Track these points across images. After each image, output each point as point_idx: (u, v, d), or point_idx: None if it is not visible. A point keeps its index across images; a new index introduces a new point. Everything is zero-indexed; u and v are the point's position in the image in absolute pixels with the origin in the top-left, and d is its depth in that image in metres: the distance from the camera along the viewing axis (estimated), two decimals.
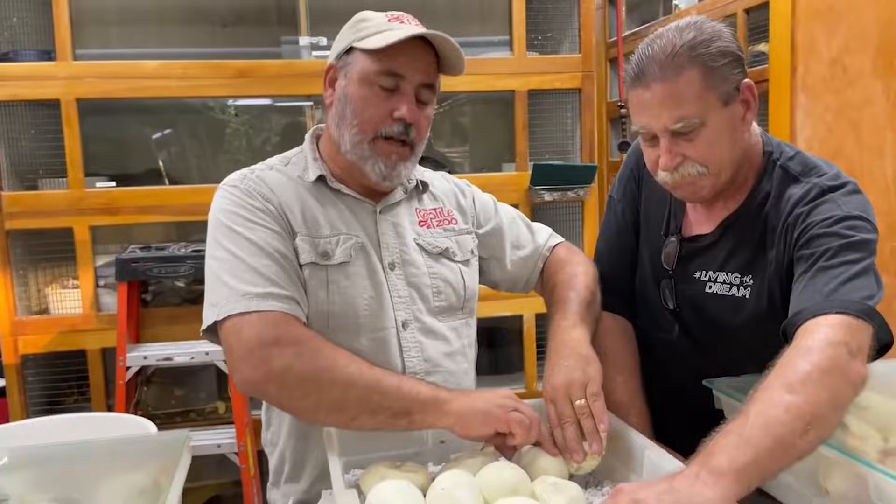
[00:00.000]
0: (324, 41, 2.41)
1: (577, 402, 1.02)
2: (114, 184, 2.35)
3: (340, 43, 1.18)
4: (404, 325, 1.19)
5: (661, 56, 1.07)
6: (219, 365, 2.28)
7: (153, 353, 2.26)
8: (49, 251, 2.33)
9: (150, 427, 1.65)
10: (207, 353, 2.27)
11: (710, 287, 1.21)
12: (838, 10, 2.27)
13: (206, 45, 2.85)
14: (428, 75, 1.15)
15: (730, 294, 1.19)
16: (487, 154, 3.03)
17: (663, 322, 1.29)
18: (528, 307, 2.53)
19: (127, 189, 2.36)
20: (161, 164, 2.88)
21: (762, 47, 2.89)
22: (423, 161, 2.82)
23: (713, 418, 1.04)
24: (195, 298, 2.49)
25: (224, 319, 1.04)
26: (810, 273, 1.03)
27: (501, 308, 2.52)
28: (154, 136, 2.95)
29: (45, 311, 2.38)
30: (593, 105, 2.54)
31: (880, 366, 1.00)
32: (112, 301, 2.36)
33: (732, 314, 1.18)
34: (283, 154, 1.27)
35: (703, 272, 1.22)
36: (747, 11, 2.86)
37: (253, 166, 1.22)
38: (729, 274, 1.19)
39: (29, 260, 2.36)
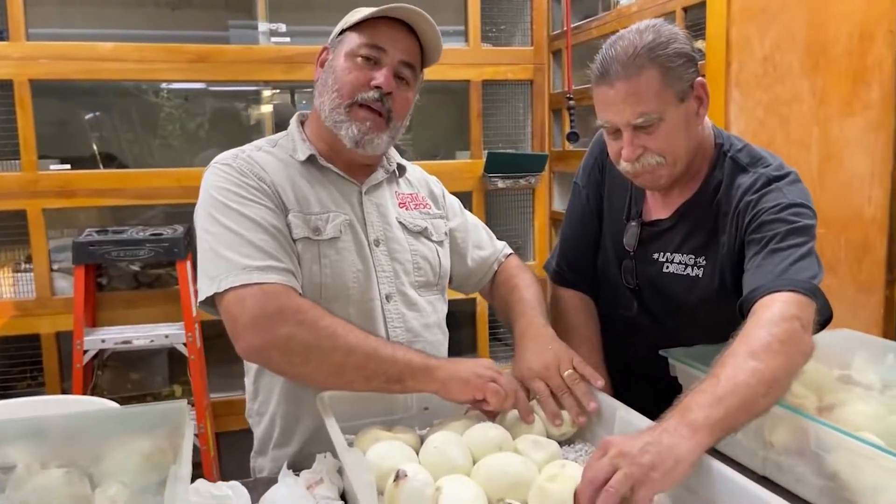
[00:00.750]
0: (283, 28, 2.43)
1: (567, 371, 1.14)
2: (68, 166, 2.32)
3: (335, 32, 1.27)
4: (388, 297, 1.27)
5: (624, 56, 1.16)
6: (178, 348, 2.29)
7: (111, 336, 2.26)
8: (1, 233, 2.28)
9: (115, 408, 1.67)
10: (167, 336, 2.28)
11: (668, 267, 1.32)
12: (771, 11, 2.43)
13: (155, 27, 2.83)
14: (409, 54, 1.24)
15: (685, 274, 1.30)
16: (441, 141, 3.11)
17: (624, 300, 1.40)
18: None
19: (83, 172, 2.33)
20: (95, 146, 2.85)
21: (699, 44, 3.05)
22: None
23: (668, 386, 1.16)
24: (151, 282, 2.48)
25: (225, 291, 1.09)
26: (762, 255, 1.14)
27: (455, 292, 2.60)
28: (87, 117, 2.91)
29: None
30: (544, 96, 2.65)
31: (815, 337, 1.13)
32: (66, 285, 2.33)
33: (687, 292, 1.30)
34: (269, 137, 1.33)
35: (661, 253, 1.33)
36: (685, 10, 2.99)
37: (242, 147, 1.28)
38: (684, 255, 1.30)
39: None
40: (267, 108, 2.77)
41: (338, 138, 1.24)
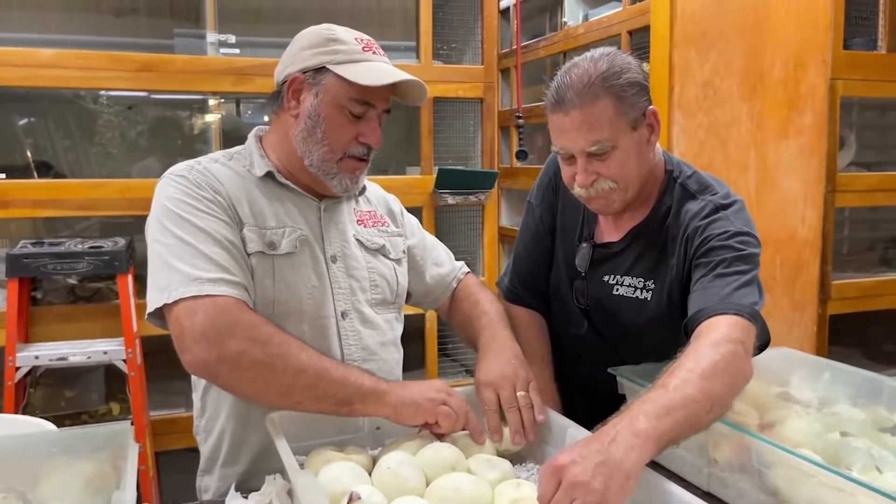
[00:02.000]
0: (232, 39, 2.40)
1: (520, 392, 1.15)
2: (2, 175, 2.23)
3: (309, 59, 1.21)
4: (343, 314, 1.26)
5: (579, 85, 1.18)
6: (117, 364, 2.22)
7: (45, 352, 2.17)
8: None
9: (50, 427, 1.60)
10: (105, 353, 2.21)
11: (617, 290, 1.34)
12: (710, 37, 2.52)
13: (98, 33, 2.76)
14: (387, 102, 1.25)
15: (633, 296, 1.33)
16: (392, 156, 3.11)
17: (574, 318, 1.43)
18: None
19: (18, 181, 2.24)
20: (30, 154, 2.75)
21: (644, 67, 3.14)
22: None
23: (616, 403, 1.18)
24: (90, 296, 2.40)
25: (175, 302, 1.07)
26: (708, 278, 1.18)
27: (405, 308, 2.60)
28: (20, 123, 2.82)
29: None
30: (494, 114, 2.68)
31: (756, 357, 1.17)
32: None
33: (636, 314, 1.33)
34: (225, 150, 1.32)
35: (612, 276, 1.35)
36: (630, 33, 3.08)
37: (198, 158, 1.27)
38: (634, 278, 1.33)
39: None
40: (212, 118, 2.72)
41: (300, 161, 1.23)
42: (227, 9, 2.43)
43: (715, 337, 1.04)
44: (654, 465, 1.08)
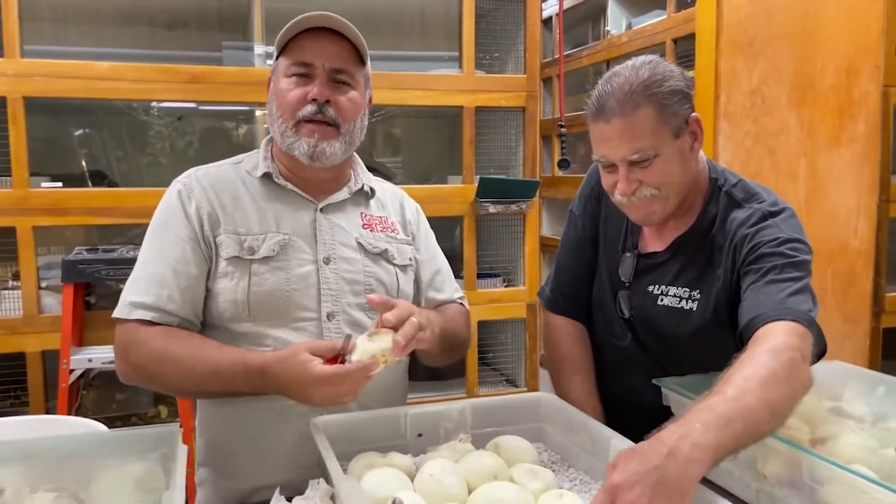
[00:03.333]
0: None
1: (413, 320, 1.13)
2: (59, 184, 2.31)
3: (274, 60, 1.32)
4: (329, 316, 1.27)
5: (620, 93, 1.18)
6: None
7: (98, 355, 2.23)
8: None
9: (101, 428, 1.65)
10: None
11: (662, 300, 1.33)
12: (758, 44, 2.48)
13: (152, 47, 2.84)
14: (338, 59, 1.26)
15: (678, 307, 1.31)
16: (433, 166, 3.13)
17: (618, 329, 1.41)
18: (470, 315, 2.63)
19: (75, 190, 2.32)
20: (84, 164, 2.84)
21: (688, 75, 3.11)
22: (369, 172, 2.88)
23: (660, 415, 1.16)
24: None
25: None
26: (760, 284, 1.16)
27: None
28: (76, 134, 2.91)
29: None
30: (536, 123, 2.67)
31: None
32: (53, 302, 2.31)
33: (680, 325, 1.31)
34: (241, 154, 1.38)
35: (656, 286, 1.34)
36: (675, 41, 3.06)
37: (212, 163, 1.34)
38: (679, 288, 1.31)
39: None
40: (258, 128, 2.77)
41: (294, 159, 1.28)
42: (273, 21, 2.47)
43: (773, 344, 1.01)
44: (702, 479, 1.06)
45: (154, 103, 2.85)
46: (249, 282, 1.22)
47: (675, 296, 1.31)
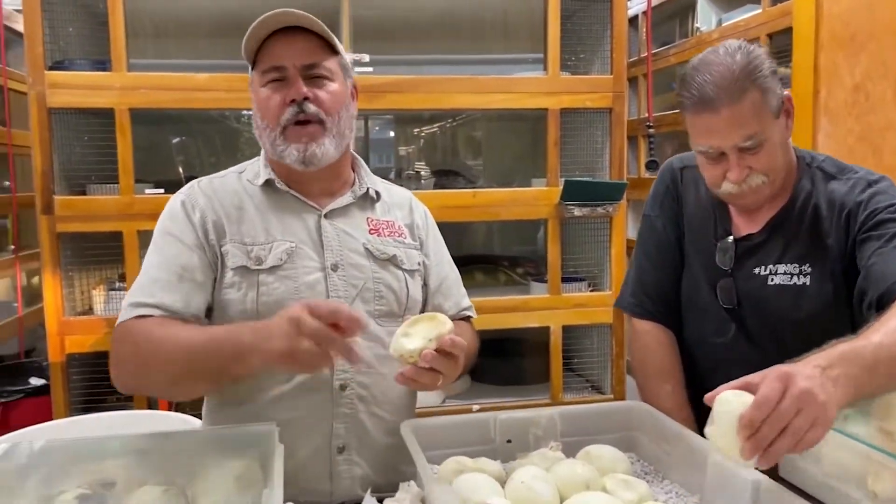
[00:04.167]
0: (366, 58, 2.49)
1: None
2: (162, 190, 2.42)
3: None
4: None
5: (724, 82, 1.19)
6: None
7: None
8: (97, 254, 2.39)
9: (197, 424, 1.72)
10: None
11: (772, 280, 1.32)
12: (860, 39, 2.36)
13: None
14: (306, 55, 1.25)
15: (791, 283, 1.30)
16: (516, 169, 3.11)
17: (720, 324, 1.38)
18: (555, 319, 2.60)
19: None
20: (181, 170, 2.96)
21: (784, 71, 2.98)
22: (449, 175, 2.89)
23: None
24: None
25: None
26: (887, 249, 1.16)
27: (528, 319, 2.59)
28: (174, 142, 3.04)
29: (89, 311, 2.45)
30: (623, 124, 2.62)
31: None
32: None
33: (794, 302, 1.29)
34: (244, 163, 1.39)
35: (762, 267, 1.33)
36: (770, 36, 2.94)
37: (216, 173, 1.35)
38: (788, 265, 1.31)
39: (77, 262, 2.43)
40: None
41: (289, 167, 1.28)
42: (361, 29, 2.52)
43: None
44: (806, 496, 1.01)
45: (246, 111, 2.95)
46: (258, 292, 1.22)
47: (785, 273, 1.31)
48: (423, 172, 3.25)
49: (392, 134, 3.41)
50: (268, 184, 1.30)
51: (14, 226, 3.63)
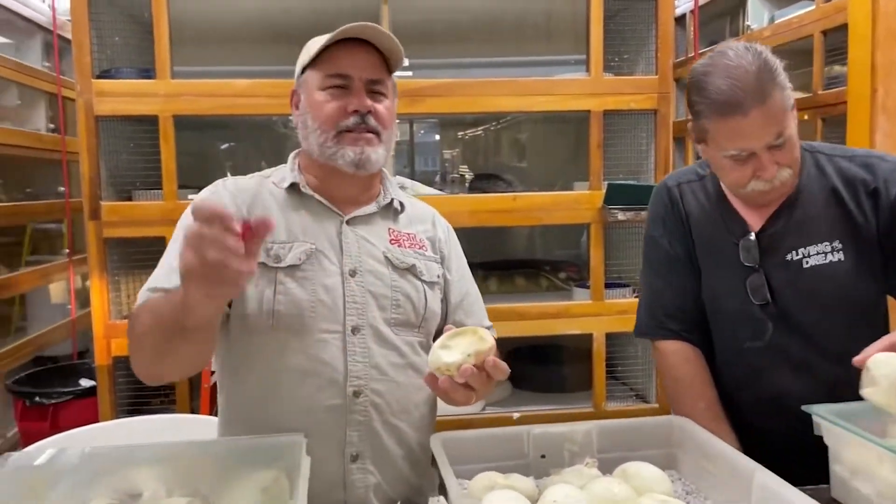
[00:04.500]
0: (406, 62, 2.46)
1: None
2: None
3: (297, 70, 1.34)
4: (354, 330, 1.24)
5: (749, 84, 1.19)
6: None
7: None
8: (142, 259, 2.43)
9: (235, 439, 1.72)
10: None
11: (807, 262, 1.30)
12: None
13: (288, 63, 2.95)
14: (373, 71, 1.28)
15: (827, 262, 1.29)
16: (558, 172, 3.06)
17: (754, 326, 1.34)
18: (598, 326, 2.54)
19: None
20: (229, 176, 2.99)
21: (839, 69, 2.87)
22: (490, 179, 2.86)
23: (804, 424, 1.07)
24: None
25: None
26: None
27: (571, 326, 2.54)
28: (222, 147, 3.08)
29: None
30: (669, 126, 2.55)
31: None
32: None
33: (833, 279, 1.28)
34: (272, 168, 1.40)
35: (794, 252, 1.32)
36: (824, 33, 2.84)
37: (239, 177, 1.37)
38: (819, 244, 1.31)
39: (123, 266, 2.48)
40: None
41: (330, 171, 1.29)
42: (400, 33, 2.50)
43: None
44: None
45: (291, 117, 2.97)
46: (275, 290, 1.22)
47: (818, 253, 1.30)
48: (467, 176, 3.23)
49: (437, 137, 3.40)
50: (293, 187, 1.32)
51: (69, 230, 3.74)
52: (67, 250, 3.69)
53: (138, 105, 2.32)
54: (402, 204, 1.39)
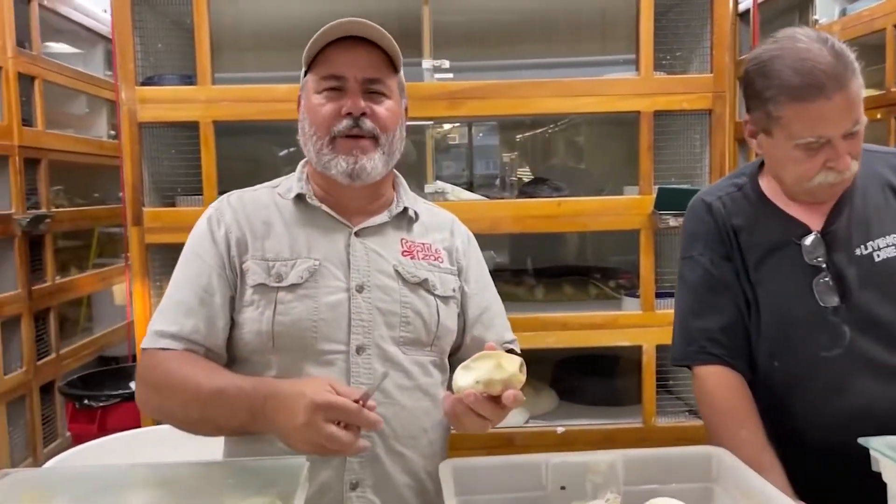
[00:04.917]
0: (446, 64, 2.41)
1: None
2: None
3: (302, 76, 1.29)
4: (359, 350, 1.17)
5: (830, 67, 1.14)
6: None
7: None
8: None
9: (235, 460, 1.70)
10: None
11: (878, 255, 1.25)
12: None
13: None
14: (370, 69, 1.19)
15: None
16: (607, 176, 2.95)
17: (827, 333, 1.24)
18: (648, 338, 2.42)
19: None
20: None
21: None
22: (538, 184, 2.77)
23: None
24: None
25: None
26: None
27: (619, 337, 2.43)
28: (280, 154, 3.08)
29: None
30: (725, 127, 2.41)
31: None
32: None
33: None
34: (280, 178, 1.34)
35: (863, 247, 1.26)
36: None
37: (249, 187, 1.33)
38: (888, 237, 1.25)
39: (166, 272, 2.49)
40: (426, 140, 2.76)
41: (330, 180, 1.22)
42: (442, 34, 2.45)
43: None
44: None
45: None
46: (275, 311, 1.16)
47: (889, 245, 1.25)
48: (524, 179, 3.15)
49: (496, 141, 3.33)
50: (299, 198, 1.26)
51: (125, 234, 3.83)
52: (125, 254, 3.79)
53: (179, 111, 2.34)
54: (416, 212, 1.32)
